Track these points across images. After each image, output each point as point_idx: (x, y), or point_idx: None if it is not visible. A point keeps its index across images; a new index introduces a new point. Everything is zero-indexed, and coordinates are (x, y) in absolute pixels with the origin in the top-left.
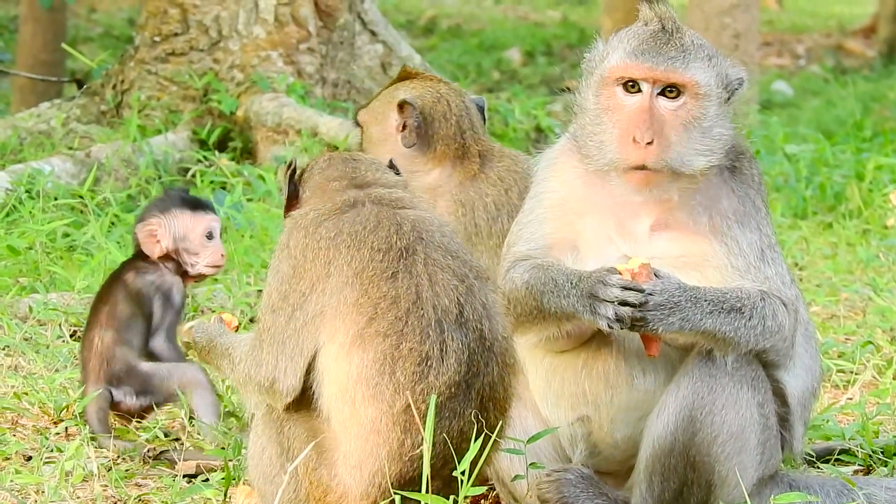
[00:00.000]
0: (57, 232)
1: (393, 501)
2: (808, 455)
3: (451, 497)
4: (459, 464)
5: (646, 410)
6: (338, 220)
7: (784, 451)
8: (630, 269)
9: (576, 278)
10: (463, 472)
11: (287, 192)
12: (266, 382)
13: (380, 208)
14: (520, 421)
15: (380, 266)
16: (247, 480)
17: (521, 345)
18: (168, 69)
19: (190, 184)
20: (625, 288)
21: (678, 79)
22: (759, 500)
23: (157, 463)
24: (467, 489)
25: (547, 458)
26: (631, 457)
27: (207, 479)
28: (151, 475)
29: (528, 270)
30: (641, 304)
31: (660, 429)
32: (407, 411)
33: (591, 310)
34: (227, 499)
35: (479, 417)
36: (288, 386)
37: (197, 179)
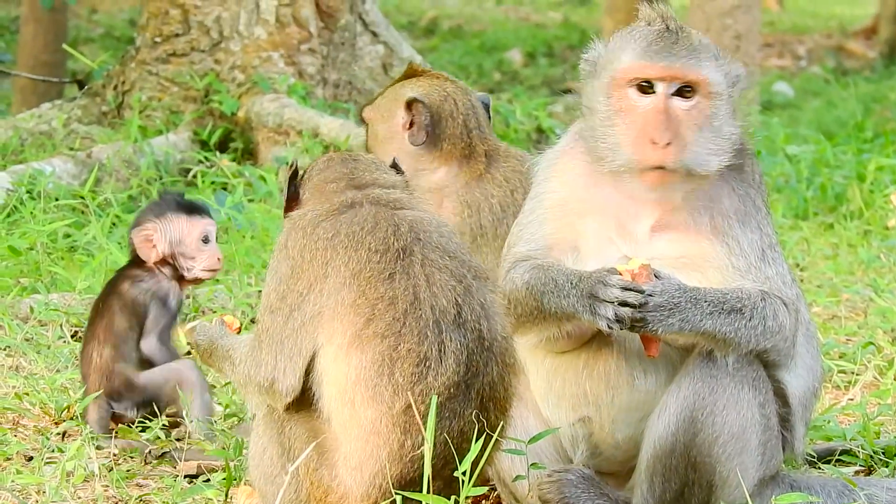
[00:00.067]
0: (58, 232)
1: (394, 502)
2: (809, 456)
3: (453, 497)
4: (460, 464)
5: (647, 411)
6: (335, 220)
7: (785, 451)
8: (630, 270)
9: (576, 279)
10: (464, 473)
11: (287, 193)
12: (265, 383)
13: (378, 209)
14: (521, 421)
15: (377, 267)
16: (248, 481)
17: (522, 345)
18: (169, 70)
19: (191, 185)
20: (625, 289)
21: (694, 77)
22: (761, 501)
23: (161, 462)
24: (468, 489)
25: (548, 458)
26: (632, 457)
27: (209, 480)
28: (152, 475)
29: (528, 271)
30: (641, 305)
31: (661, 429)
32: (406, 412)
33: (591, 310)
34: (229, 499)
35: (480, 418)
36: (287, 386)
37: (198, 180)
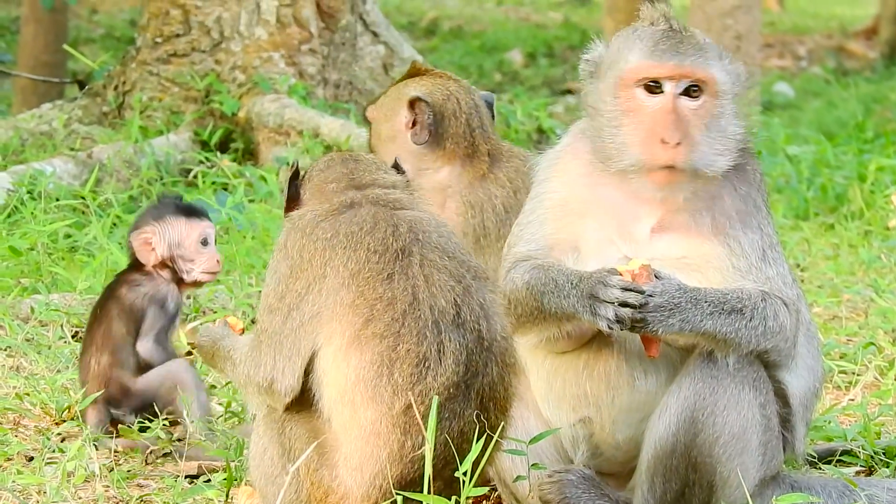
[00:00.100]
0: (59, 233)
1: (395, 502)
2: (809, 456)
3: (453, 498)
4: (461, 464)
5: (647, 411)
6: (335, 220)
7: (786, 451)
8: (630, 271)
9: (576, 279)
10: (465, 473)
11: (287, 193)
12: (264, 383)
13: (377, 209)
14: (522, 422)
15: (376, 267)
16: (248, 481)
17: (523, 346)
18: (170, 70)
19: (192, 185)
20: (625, 289)
21: (702, 75)
22: (761, 501)
23: (165, 460)
24: (469, 490)
25: (549, 459)
26: (633, 458)
27: (209, 480)
28: (153, 476)
29: (528, 271)
30: (641, 306)
31: (661, 430)
32: (406, 413)
33: (592, 310)
34: (229, 499)
35: (481, 418)
36: (286, 386)
37: (199, 180)
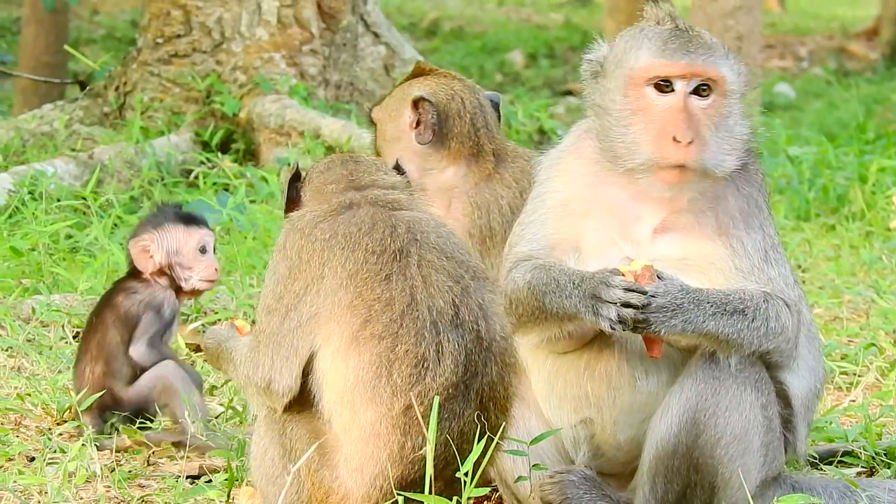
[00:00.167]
0: (60, 233)
1: (396, 503)
2: (811, 457)
3: (454, 498)
4: (462, 465)
5: (649, 412)
6: (333, 221)
7: (787, 452)
8: (633, 271)
9: (578, 279)
10: (466, 474)
11: (287, 194)
12: (263, 383)
13: (375, 210)
14: (523, 422)
15: (374, 268)
16: (250, 481)
17: (524, 346)
18: (171, 71)
19: (192, 186)
20: (627, 289)
21: (713, 74)
22: (763, 502)
23: (168, 452)
24: (470, 490)
25: (550, 459)
26: (634, 458)
27: (210, 481)
28: (154, 476)
29: (529, 271)
30: (644, 306)
31: (663, 430)
32: (406, 414)
33: (594, 311)
34: (230, 500)
35: (481, 418)
36: (284, 386)
37: (200, 181)
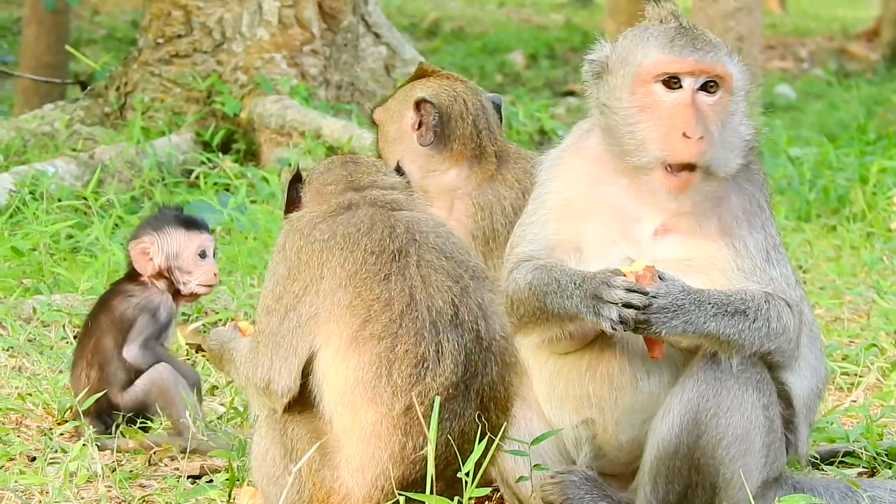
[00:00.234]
0: (60, 233)
1: (397, 503)
2: (812, 457)
3: (456, 498)
4: (463, 465)
5: (650, 413)
6: (332, 222)
7: (789, 453)
8: (634, 272)
9: (579, 279)
10: (467, 474)
11: (288, 196)
12: (262, 383)
13: (374, 210)
14: (524, 422)
15: (373, 268)
16: (251, 481)
17: (525, 346)
18: (171, 71)
19: (193, 186)
20: (629, 290)
21: (721, 71)
22: (764, 503)
23: (169, 453)
24: (471, 490)
25: (551, 459)
26: (636, 459)
27: (212, 480)
28: (156, 476)
29: (531, 271)
30: (645, 307)
31: (664, 431)
32: (406, 414)
33: (595, 311)
34: (231, 500)
35: (482, 418)
36: (283, 387)
37: (200, 181)
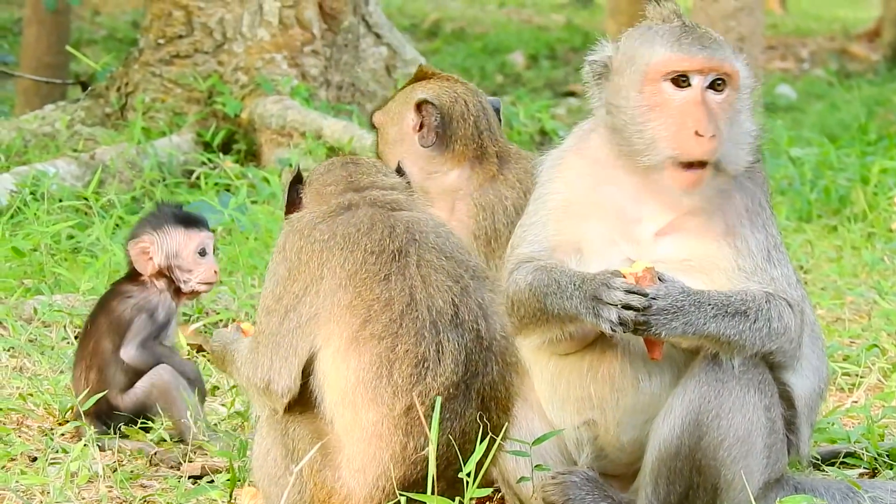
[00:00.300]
0: (61, 234)
1: (398, 503)
2: (813, 458)
3: (457, 498)
4: (464, 465)
5: (652, 413)
6: (332, 222)
7: (790, 454)
8: (634, 273)
9: (579, 280)
10: (468, 474)
11: (288, 197)
12: (262, 384)
13: (374, 210)
14: (526, 423)
15: (373, 268)
16: (252, 482)
17: (526, 347)
18: (172, 71)
19: (194, 186)
20: (628, 292)
21: (729, 69)
22: None
23: (170, 453)
24: (473, 490)
25: (553, 460)
26: (637, 460)
27: (213, 481)
28: (157, 476)
29: (531, 272)
30: (645, 309)
31: (666, 432)
32: (407, 414)
33: (595, 313)
34: (233, 500)
35: (483, 419)
36: (283, 387)
37: (201, 182)
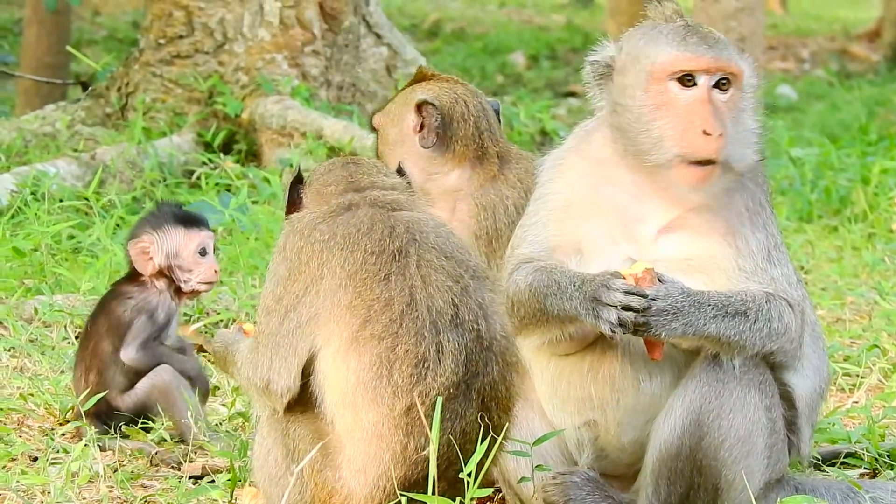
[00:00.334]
0: (62, 234)
1: (399, 503)
2: (814, 458)
3: (458, 499)
4: (465, 465)
5: (652, 414)
6: (332, 222)
7: (791, 454)
8: (634, 274)
9: (579, 281)
10: (469, 474)
11: (289, 197)
12: (261, 384)
13: (374, 210)
14: (526, 423)
15: (373, 269)
16: (252, 482)
17: (526, 348)
18: (173, 72)
19: (195, 186)
20: (628, 293)
21: (734, 68)
22: None
23: (171, 453)
24: (473, 491)
25: (553, 460)
26: (638, 460)
27: (213, 481)
28: (157, 476)
29: (531, 273)
30: (644, 310)
31: (666, 432)
32: (408, 414)
33: (594, 314)
34: (233, 500)
35: (484, 419)
36: (282, 386)
37: (202, 182)
